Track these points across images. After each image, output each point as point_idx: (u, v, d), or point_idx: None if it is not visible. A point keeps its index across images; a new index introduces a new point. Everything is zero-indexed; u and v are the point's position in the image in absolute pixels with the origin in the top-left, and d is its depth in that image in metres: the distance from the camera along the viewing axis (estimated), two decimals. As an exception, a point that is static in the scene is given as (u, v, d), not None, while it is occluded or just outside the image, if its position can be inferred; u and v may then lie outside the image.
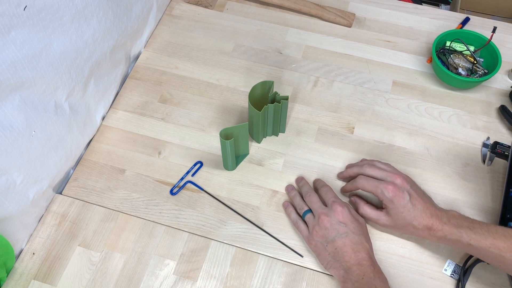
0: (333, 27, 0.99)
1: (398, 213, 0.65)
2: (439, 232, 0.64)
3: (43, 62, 0.61)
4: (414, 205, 0.65)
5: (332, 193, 0.71)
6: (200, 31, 0.98)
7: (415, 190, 0.67)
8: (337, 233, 0.65)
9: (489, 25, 0.98)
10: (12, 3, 0.52)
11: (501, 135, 0.83)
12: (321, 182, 0.76)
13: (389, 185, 0.66)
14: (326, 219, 0.66)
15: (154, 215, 0.75)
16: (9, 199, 0.63)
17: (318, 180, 0.77)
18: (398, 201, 0.65)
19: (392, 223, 0.67)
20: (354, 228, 0.66)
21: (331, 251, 0.65)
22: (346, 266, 0.64)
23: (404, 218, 0.65)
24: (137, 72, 0.92)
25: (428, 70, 0.92)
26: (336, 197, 0.70)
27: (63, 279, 0.69)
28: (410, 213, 0.65)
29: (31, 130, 0.63)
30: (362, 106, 0.87)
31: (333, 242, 0.65)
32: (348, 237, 0.65)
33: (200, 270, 0.70)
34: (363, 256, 0.64)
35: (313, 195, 0.71)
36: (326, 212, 0.67)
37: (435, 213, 0.65)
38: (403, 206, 0.65)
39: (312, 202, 0.70)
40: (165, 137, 0.83)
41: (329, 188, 0.73)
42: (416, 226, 0.65)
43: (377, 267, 0.64)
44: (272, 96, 0.76)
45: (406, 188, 0.66)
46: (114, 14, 0.77)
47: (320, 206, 0.69)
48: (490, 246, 0.60)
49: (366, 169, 0.71)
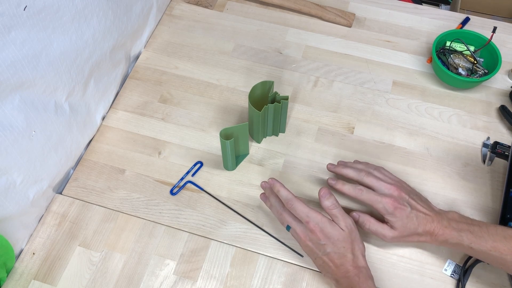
0: (333, 27, 0.99)
1: (402, 224, 0.64)
2: (440, 237, 0.64)
3: (43, 62, 0.61)
4: (416, 214, 0.65)
5: (302, 209, 0.63)
6: (200, 31, 0.98)
7: (413, 197, 0.67)
8: (320, 251, 0.63)
9: (489, 25, 0.98)
10: (12, 3, 0.52)
11: (501, 135, 0.83)
12: (282, 193, 0.66)
13: (389, 200, 0.65)
14: (306, 239, 0.64)
15: (154, 215, 0.75)
16: (9, 199, 0.63)
17: (274, 185, 0.67)
18: (400, 214, 0.64)
19: (398, 234, 0.65)
20: (335, 241, 0.63)
21: (320, 264, 0.65)
22: (335, 277, 0.64)
23: (409, 228, 0.64)
24: (137, 72, 0.92)
25: (428, 70, 0.92)
26: (308, 214, 0.63)
27: (63, 279, 0.69)
28: (414, 222, 0.64)
29: (31, 130, 0.63)
30: (362, 106, 0.87)
31: (320, 258, 0.64)
32: (332, 252, 0.63)
33: (200, 270, 0.70)
34: (347, 269, 0.62)
35: (285, 214, 0.66)
36: (303, 231, 0.64)
37: (436, 217, 0.65)
38: (406, 217, 0.64)
39: (287, 221, 0.66)
40: (165, 137, 0.83)
41: (297, 202, 0.64)
42: (420, 233, 0.64)
43: (364, 273, 0.63)
44: (272, 96, 0.76)
45: (405, 199, 0.66)
46: (114, 14, 0.77)
47: (296, 225, 0.65)
48: (491, 249, 0.60)
49: (364, 178, 0.69)
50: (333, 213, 0.64)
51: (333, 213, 0.64)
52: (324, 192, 0.64)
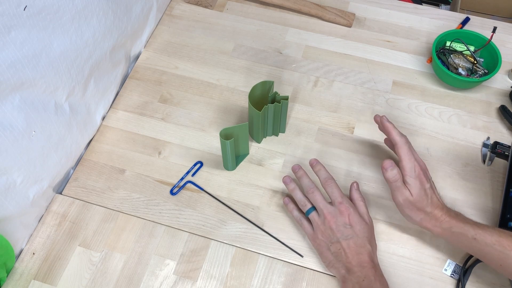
0: (333, 27, 0.99)
1: (419, 193, 0.65)
2: (445, 223, 0.64)
3: (43, 62, 0.61)
4: (431, 194, 0.66)
5: (339, 191, 0.68)
6: (200, 31, 0.98)
7: (433, 182, 0.69)
8: (342, 235, 0.65)
9: (489, 25, 0.98)
10: (12, 3, 0.52)
11: (501, 135, 0.83)
12: (323, 172, 0.71)
13: (418, 166, 0.66)
14: (332, 220, 0.66)
15: (154, 215, 0.75)
16: (9, 199, 0.63)
17: (316, 164, 0.72)
18: (421, 182, 0.65)
19: (412, 200, 0.65)
20: (359, 230, 0.65)
21: (334, 251, 0.65)
22: (347, 267, 0.64)
23: (422, 201, 0.65)
24: (137, 72, 0.92)
25: (428, 70, 0.92)
26: (343, 197, 0.67)
27: (63, 279, 0.69)
28: (427, 198, 0.65)
29: (31, 130, 0.63)
30: (362, 106, 0.87)
31: (337, 243, 0.65)
32: (353, 239, 0.64)
33: (200, 270, 0.70)
34: (365, 259, 0.64)
35: (316, 193, 0.69)
36: (332, 212, 0.66)
37: (445, 207, 0.66)
38: (424, 190, 0.65)
39: (317, 200, 0.68)
40: (165, 137, 0.83)
41: (335, 184, 0.69)
42: (427, 212, 0.65)
43: (379, 270, 0.64)
44: (272, 96, 0.76)
45: (429, 177, 0.68)
46: (114, 14, 0.77)
47: (325, 206, 0.67)
48: (495, 243, 0.60)
49: (406, 141, 0.67)
50: (361, 205, 0.69)
51: (361, 205, 0.69)
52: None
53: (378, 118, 0.71)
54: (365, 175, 0.79)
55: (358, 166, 0.80)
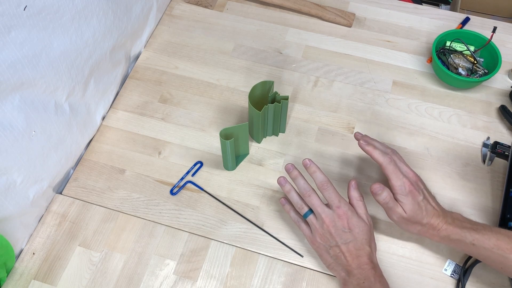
0: (333, 27, 0.99)
1: (412, 209, 0.64)
2: (443, 231, 0.64)
3: (43, 62, 0.61)
4: (426, 205, 0.65)
5: (336, 194, 0.66)
6: (200, 31, 0.98)
7: (426, 189, 0.67)
8: (341, 239, 0.64)
9: (489, 25, 0.98)
10: (12, 3, 0.52)
11: (501, 135, 0.83)
12: (318, 175, 0.67)
13: (407, 181, 0.65)
14: (331, 225, 0.64)
15: (154, 215, 0.75)
16: (9, 199, 0.63)
17: (311, 166, 0.68)
18: (413, 198, 0.64)
19: (406, 217, 0.65)
20: (358, 233, 0.64)
21: (333, 255, 0.65)
22: (347, 269, 0.64)
23: (416, 216, 0.64)
24: (137, 72, 0.92)
25: (428, 70, 0.92)
26: (340, 200, 0.65)
27: (63, 279, 0.69)
28: (422, 211, 0.65)
29: (31, 130, 0.63)
30: (362, 106, 0.87)
31: (336, 247, 0.64)
32: (352, 243, 0.64)
33: (200, 270, 0.70)
34: (364, 261, 0.63)
35: (313, 196, 0.67)
36: (330, 216, 0.65)
37: (442, 213, 0.65)
38: (417, 204, 0.65)
39: (314, 204, 0.66)
40: (165, 137, 0.83)
41: (331, 187, 0.66)
42: (424, 224, 0.65)
43: (379, 270, 0.64)
44: (272, 96, 0.76)
45: (421, 187, 0.66)
46: (114, 14, 0.77)
47: (323, 210, 0.65)
48: (493, 247, 0.60)
49: (390, 160, 0.66)
50: (360, 205, 0.67)
51: (360, 205, 0.67)
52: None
53: (358, 136, 0.70)
54: (365, 175, 0.79)
55: (358, 166, 0.80)
